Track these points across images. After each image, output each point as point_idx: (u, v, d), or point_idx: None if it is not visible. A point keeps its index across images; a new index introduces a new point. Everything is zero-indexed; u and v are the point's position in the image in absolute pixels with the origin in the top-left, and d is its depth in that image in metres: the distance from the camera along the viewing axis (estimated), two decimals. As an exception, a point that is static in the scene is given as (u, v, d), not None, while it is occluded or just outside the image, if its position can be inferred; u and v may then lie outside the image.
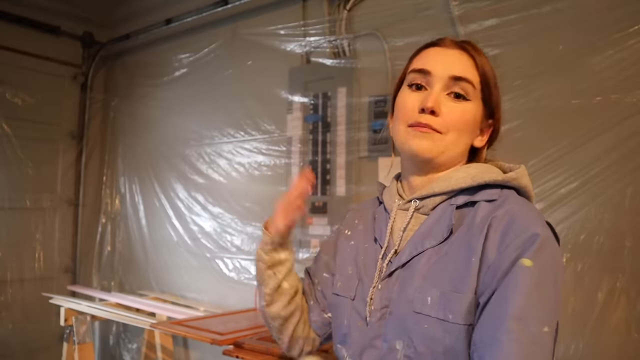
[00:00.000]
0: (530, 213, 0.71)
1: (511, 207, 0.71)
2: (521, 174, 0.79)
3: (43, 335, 3.07)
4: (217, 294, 2.63)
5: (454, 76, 0.79)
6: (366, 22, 2.13)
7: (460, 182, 0.78)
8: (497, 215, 0.71)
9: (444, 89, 0.79)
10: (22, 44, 3.04)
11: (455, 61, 0.80)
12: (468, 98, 0.79)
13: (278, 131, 2.42)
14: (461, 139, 0.80)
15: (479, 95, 0.81)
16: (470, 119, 0.80)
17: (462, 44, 0.83)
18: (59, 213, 3.25)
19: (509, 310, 0.63)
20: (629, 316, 1.47)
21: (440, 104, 0.78)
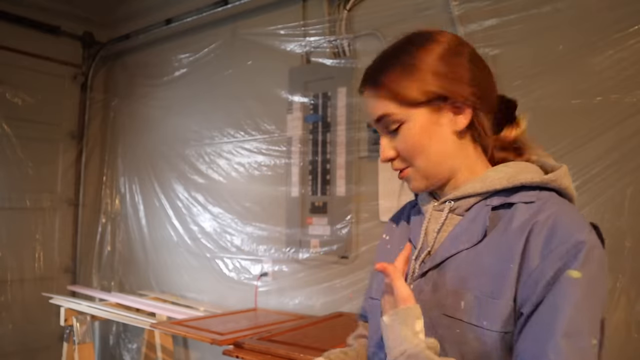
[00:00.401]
0: (574, 217, 0.68)
1: (553, 212, 0.68)
2: (561, 174, 0.75)
3: (43, 335, 3.07)
4: (217, 294, 2.63)
5: (375, 120, 0.80)
6: (366, 22, 2.13)
7: (496, 183, 0.75)
8: (538, 220, 0.68)
9: (382, 131, 0.80)
10: (22, 44, 3.04)
11: (369, 105, 0.80)
12: (398, 125, 0.77)
13: (278, 131, 2.42)
14: (428, 155, 0.77)
15: (405, 107, 0.76)
16: (415, 137, 0.76)
17: (368, 77, 0.80)
18: (59, 213, 3.25)
19: (558, 325, 0.62)
20: (629, 316, 1.47)
21: (390, 148, 0.79)
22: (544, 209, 0.69)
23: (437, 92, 0.75)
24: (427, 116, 0.76)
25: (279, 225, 2.37)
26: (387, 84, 0.76)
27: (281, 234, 2.35)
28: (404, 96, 0.75)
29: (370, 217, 2.05)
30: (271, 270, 2.39)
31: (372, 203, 2.04)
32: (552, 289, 0.63)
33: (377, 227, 2.01)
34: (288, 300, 2.32)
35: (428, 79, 0.75)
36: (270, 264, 2.39)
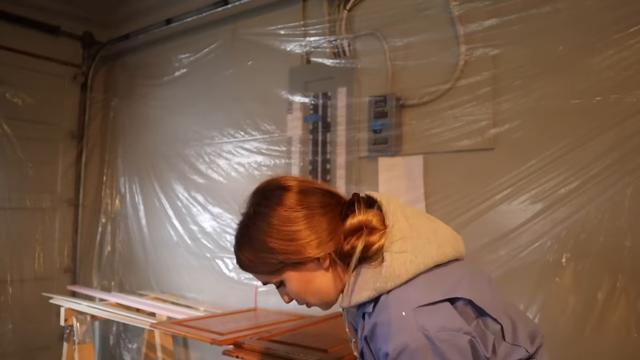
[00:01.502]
0: (388, 323, 0.80)
1: (374, 322, 0.83)
2: (382, 286, 0.85)
3: (43, 335, 3.07)
4: (217, 294, 2.63)
5: (261, 284, 1.01)
6: (366, 22, 2.13)
7: (345, 300, 0.92)
8: (366, 334, 0.85)
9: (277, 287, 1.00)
10: (22, 44, 3.04)
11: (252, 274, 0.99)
12: (280, 283, 0.96)
13: (278, 131, 2.42)
14: (314, 292, 0.95)
15: (275, 275, 0.94)
16: (297, 288, 0.94)
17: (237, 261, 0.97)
18: (59, 213, 3.25)
19: None
20: (629, 316, 1.47)
21: (285, 295, 0.99)
22: (374, 319, 0.84)
23: (287, 261, 0.91)
24: (296, 271, 0.93)
25: (279, 225, 2.36)
26: (251, 267, 0.94)
27: (281, 234, 2.35)
28: (265, 270, 0.93)
29: (370, 217, 2.05)
30: (271, 270, 2.39)
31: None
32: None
33: (377, 227, 2.01)
34: (288, 300, 2.31)
35: (279, 254, 0.90)
36: (270, 264, 2.39)
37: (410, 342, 0.75)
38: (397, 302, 0.82)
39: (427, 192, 1.89)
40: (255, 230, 0.92)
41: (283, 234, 0.89)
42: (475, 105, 1.79)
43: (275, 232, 0.90)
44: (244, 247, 0.93)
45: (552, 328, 1.58)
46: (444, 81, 1.86)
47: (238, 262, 0.96)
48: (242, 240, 0.95)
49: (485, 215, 1.74)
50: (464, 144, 1.81)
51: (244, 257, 0.94)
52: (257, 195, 0.98)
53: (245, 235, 0.94)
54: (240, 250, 0.94)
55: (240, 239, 0.96)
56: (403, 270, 0.84)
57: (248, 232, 0.93)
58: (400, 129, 1.98)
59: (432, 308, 0.80)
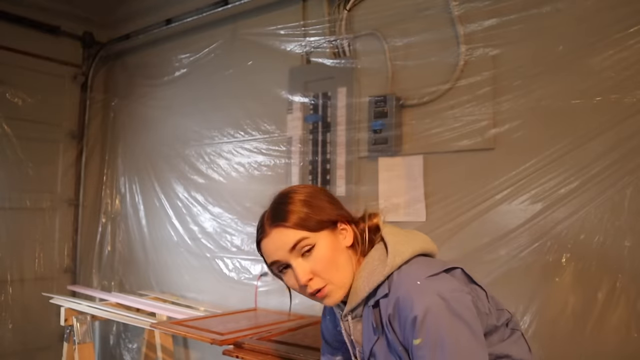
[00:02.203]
0: (408, 293, 0.91)
1: (396, 297, 0.93)
2: (391, 262, 0.97)
3: (43, 335, 3.07)
4: (217, 294, 2.63)
5: (291, 247, 0.99)
6: (366, 22, 2.13)
7: (362, 292, 0.99)
8: (389, 312, 0.93)
9: (295, 257, 1.00)
10: (22, 44, 3.04)
11: (281, 239, 1.01)
12: (312, 246, 0.99)
13: (278, 131, 2.42)
14: (340, 267, 1.01)
15: (315, 232, 1.00)
16: (328, 252, 1.00)
17: (274, 219, 1.02)
18: (59, 213, 3.25)
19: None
20: (629, 316, 1.47)
21: (306, 271, 0.99)
22: (393, 297, 0.93)
23: (332, 217, 1.02)
24: (330, 235, 1.01)
25: (279, 225, 2.37)
26: (296, 218, 1.00)
27: (281, 234, 2.35)
28: (311, 224, 0.99)
29: (370, 217, 2.05)
30: (271, 270, 2.39)
31: (372, 203, 2.04)
32: (412, 352, 0.89)
33: (377, 227, 2.01)
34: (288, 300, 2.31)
35: (323, 211, 1.02)
36: (270, 264, 2.39)
37: (431, 303, 0.87)
38: (409, 276, 0.94)
39: (427, 192, 1.90)
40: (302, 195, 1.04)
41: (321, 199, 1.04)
42: (475, 105, 1.79)
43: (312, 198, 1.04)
44: (296, 205, 1.01)
45: (552, 328, 1.58)
46: (444, 81, 1.86)
47: (283, 217, 1.00)
48: (290, 202, 1.02)
49: (485, 215, 1.74)
50: (464, 144, 1.81)
51: (296, 213, 1.00)
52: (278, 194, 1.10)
53: (292, 201, 1.03)
54: (291, 207, 1.01)
55: (286, 201, 1.04)
56: (404, 249, 0.99)
57: (293, 199, 1.03)
58: (400, 129, 1.98)
59: (437, 277, 0.93)
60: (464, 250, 1.76)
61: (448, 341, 0.85)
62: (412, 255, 0.99)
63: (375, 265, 0.99)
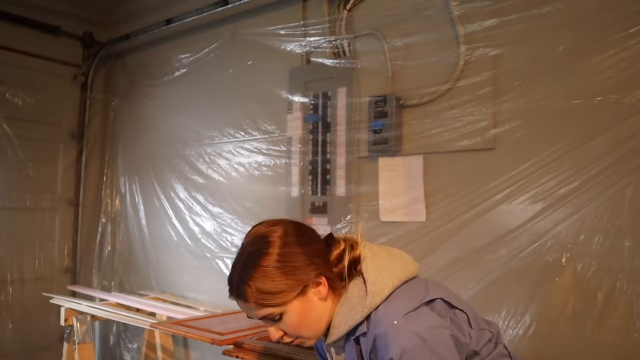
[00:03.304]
0: (385, 334, 0.90)
1: (374, 335, 0.93)
2: (370, 302, 0.96)
3: (43, 335, 3.07)
4: (217, 294, 2.63)
5: (259, 318, 1.01)
6: (366, 22, 2.13)
7: (341, 329, 1.00)
8: (369, 348, 0.94)
9: (266, 322, 1.02)
10: (22, 44, 3.04)
11: (247, 311, 1.02)
12: (278, 316, 0.99)
13: (278, 131, 2.42)
14: (311, 324, 1.01)
15: (282, 306, 0.98)
16: (297, 320, 0.99)
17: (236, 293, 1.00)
18: (59, 213, 3.25)
19: None
20: (629, 316, 1.47)
21: (277, 331, 1.02)
22: (372, 334, 0.94)
23: (301, 285, 0.98)
24: (298, 303, 0.99)
25: (279, 225, 2.36)
26: (257, 298, 0.96)
27: (281, 234, 2.35)
28: (276, 301, 0.96)
29: (370, 217, 2.05)
30: (271, 270, 2.39)
31: (372, 203, 2.04)
32: None
33: (377, 227, 2.01)
34: (288, 300, 2.32)
35: (290, 279, 0.96)
36: (270, 264, 2.39)
37: (408, 344, 0.87)
38: (387, 315, 0.94)
39: (427, 192, 1.89)
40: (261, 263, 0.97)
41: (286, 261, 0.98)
42: (475, 105, 1.79)
43: (277, 261, 0.97)
44: (253, 280, 0.97)
45: (552, 328, 1.58)
46: (444, 81, 1.86)
47: (243, 295, 0.98)
48: (248, 274, 0.97)
49: (485, 215, 1.74)
50: (464, 144, 1.81)
51: (254, 293, 0.96)
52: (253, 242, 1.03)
53: (251, 271, 0.97)
54: (248, 283, 0.97)
55: (245, 270, 0.98)
56: (384, 286, 0.98)
57: (253, 266, 0.98)
58: (400, 129, 1.98)
59: (415, 313, 0.93)
60: (464, 250, 1.76)
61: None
62: (392, 290, 0.98)
63: (355, 303, 0.99)
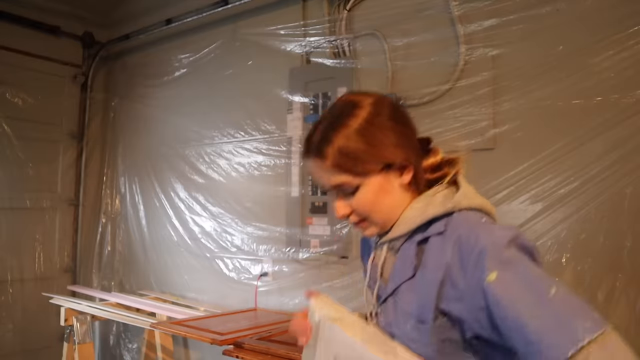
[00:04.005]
0: (471, 229, 0.78)
1: (456, 235, 0.79)
2: (459, 198, 0.84)
3: (43, 335, 3.07)
4: (217, 294, 2.63)
5: (331, 186, 0.86)
6: (366, 22, 2.13)
7: (411, 222, 0.86)
8: (447, 259, 0.78)
9: (336, 193, 0.88)
10: (22, 44, 3.04)
11: (318, 175, 0.87)
12: (353, 189, 0.85)
13: (278, 131, 2.42)
14: (383, 208, 0.87)
15: (361, 177, 0.84)
16: (371, 198, 0.85)
17: (315, 149, 0.86)
18: (59, 213, 3.25)
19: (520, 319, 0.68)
20: (629, 316, 1.47)
21: (344, 207, 0.88)
22: (452, 235, 0.80)
23: (390, 160, 0.84)
24: (380, 179, 0.85)
25: (279, 225, 2.37)
26: (339, 158, 0.83)
27: (281, 234, 2.35)
28: (358, 169, 0.83)
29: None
30: (271, 270, 2.39)
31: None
32: (489, 299, 0.71)
33: (377, 227, 2.01)
34: (288, 300, 2.32)
35: (381, 149, 0.84)
36: (270, 264, 2.39)
37: (500, 236, 0.74)
38: (473, 216, 0.82)
39: (427, 192, 1.89)
40: (353, 124, 0.84)
41: (375, 131, 0.84)
42: (475, 105, 1.79)
43: (382, 120, 0.84)
44: (339, 140, 0.83)
45: (552, 328, 1.58)
46: (444, 81, 1.86)
47: (323, 153, 0.83)
48: (336, 132, 0.83)
49: (485, 215, 1.74)
50: (464, 144, 1.81)
51: (338, 152, 0.82)
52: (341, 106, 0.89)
53: (339, 128, 0.84)
54: (332, 141, 0.83)
55: (332, 128, 0.84)
56: (475, 198, 0.86)
57: (343, 126, 0.84)
58: (400, 129, 1.97)
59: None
60: (464, 250, 1.76)
61: (527, 272, 0.70)
62: (481, 207, 0.84)
63: (437, 199, 0.86)
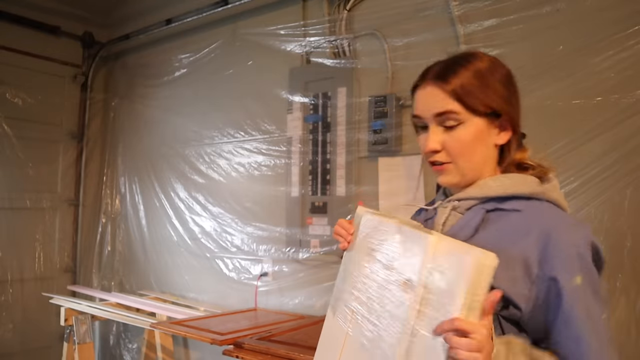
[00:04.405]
0: (568, 226, 0.79)
1: (545, 223, 0.79)
2: (550, 188, 0.85)
3: (43, 335, 3.07)
4: (217, 294, 2.63)
5: (436, 113, 0.86)
6: (366, 22, 2.13)
7: (492, 191, 0.86)
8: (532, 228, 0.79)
9: (437, 124, 0.87)
10: (22, 44, 3.04)
11: (432, 99, 0.87)
12: (459, 123, 0.85)
13: (278, 131, 2.42)
14: (473, 157, 0.87)
15: (470, 112, 0.85)
16: (469, 139, 0.86)
17: (436, 75, 0.87)
18: (59, 213, 3.25)
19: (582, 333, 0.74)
20: (629, 316, 1.47)
21: (438, 141, 0.87)
22: (537, 218, 0.80)
23: (497, 109, 0.86)
24: (483, 124, 0.86)
25: (279, 225, 2.37)
26: (459, 86, 0.84)
27: (281, 234, 2.35)
28: (471, 102, 0.84)
29: (370, 217, 2.05)
30: (271, 270, 2.39)
31: (372, 203, 2.05)
32: (564, 299, 0.75)
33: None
34: (288, 300, 2.32)
35: (494, 95, 0.86)
36: (270, 264, 2.39)
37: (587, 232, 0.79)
38: (560, 212, 0.84)
39: (427, 192, 1.89)
40: (485, 67, 0.87)
41: (506, 84, 0.88)
42: (475, 105, 1.79)
43: (501, 78, 0.88)
44: (467, 73, 0.85)
45: (552, 328, 1.58)
46: (444, 81, 1.86)
47: (446, 78, 0.85)
48: (464, 67, 0.86)
49: (485, 215, 1.74)
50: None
51: (461, 81, 0.85)
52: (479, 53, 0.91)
53: (470, 66, 0.86)
54: (460, 71, 0.85)
55: (462, 63, 0.87)
56: (563, 197, 0.88)
57: (474, 65, 0.87)
58: (400, 129, 1.98)
59: None
60: (464, 250, 1.76)
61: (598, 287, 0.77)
62: (565, 208, 0.87)
63: (528, 180, 0.86)
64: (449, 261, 0.72)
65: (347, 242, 0.91)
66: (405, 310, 0.75)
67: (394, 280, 0.79)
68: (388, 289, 0.80)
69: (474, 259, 0.69)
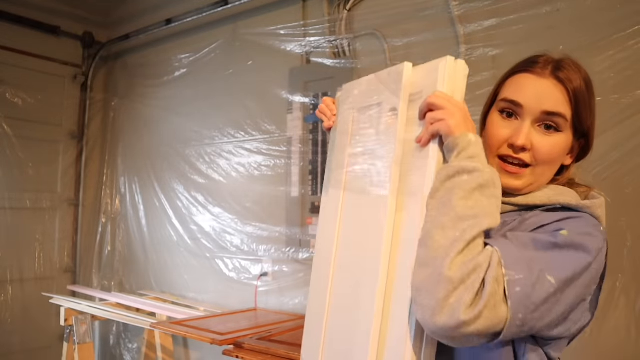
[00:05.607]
0: (584, 227, 0.74)
1: (566, 216, 0.76)
2: (597, 204, 0.80)
3: (43, 335, 3.07)
4: (217, 294, 2.63)
5: (547, 111, 0.80)
6: (366, 22, 2.13)
7: (537, 199, 0.81)
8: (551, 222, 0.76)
9: (535, 121, 0.81)
10: (22, 44, 3.04)
11: (548, 95, 0.80)
12: (560, 130, 0.80)
13: (278, 131, 2.42)
14: (550, 170, 0.83)
15: (570, 125, 0.81)
16: (560, 151, 0.81)
17: (557, 71, 0.82)
18: (59, 213, 3.25)
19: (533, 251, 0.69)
20: (629, 316, 1.47)
21: (529, 139, 0.80)
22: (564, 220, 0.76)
23: (587, 131, 0.83)
24: (570, 140, 0.82)
25: (279, 225, 2.37)
26: (579, 94, 0.81)
27: (281, 234, 2.35)
28: (582, 115, 0.81)
29: (370, 217, 2.05)
30: (271, 270, 2.39)
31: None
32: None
33: (377, 227, 2.01)
34: (288, 300, 2.32)
35: (592, 117, 0.83)
36: (270, 264, 2.39)
37: (603, 242, 0.73)
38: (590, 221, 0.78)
39: (427, 192, 1.89)
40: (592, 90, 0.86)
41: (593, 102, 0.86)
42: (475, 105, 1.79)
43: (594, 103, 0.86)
44: (586, 87, 0.84)
45: (552, 328, 1.58)
46: (444, 81, 1.86)
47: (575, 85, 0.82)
48: (585, 81, 0.85)
49: (485, 215, 1.73)
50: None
51: (586, 88, 0.84)
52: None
53: (588, 83, 0.86)
54: (582, 84, 0.83)
55: (585, 77, 0.86)
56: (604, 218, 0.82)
57: (590, 83, 0.86)
58: (400, 129, 1.97)
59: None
60: (464, 250, 1.76)
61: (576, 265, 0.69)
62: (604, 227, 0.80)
63: (573, 193, 0.82)
64: (425, 77, 0.80)
65: (332, 122, 0.93)
66: (394, 132, 0.80)
67: (380, 118, 0.85)
68: (379, 129, 0.84)
69: (448, 62, 0.77)
